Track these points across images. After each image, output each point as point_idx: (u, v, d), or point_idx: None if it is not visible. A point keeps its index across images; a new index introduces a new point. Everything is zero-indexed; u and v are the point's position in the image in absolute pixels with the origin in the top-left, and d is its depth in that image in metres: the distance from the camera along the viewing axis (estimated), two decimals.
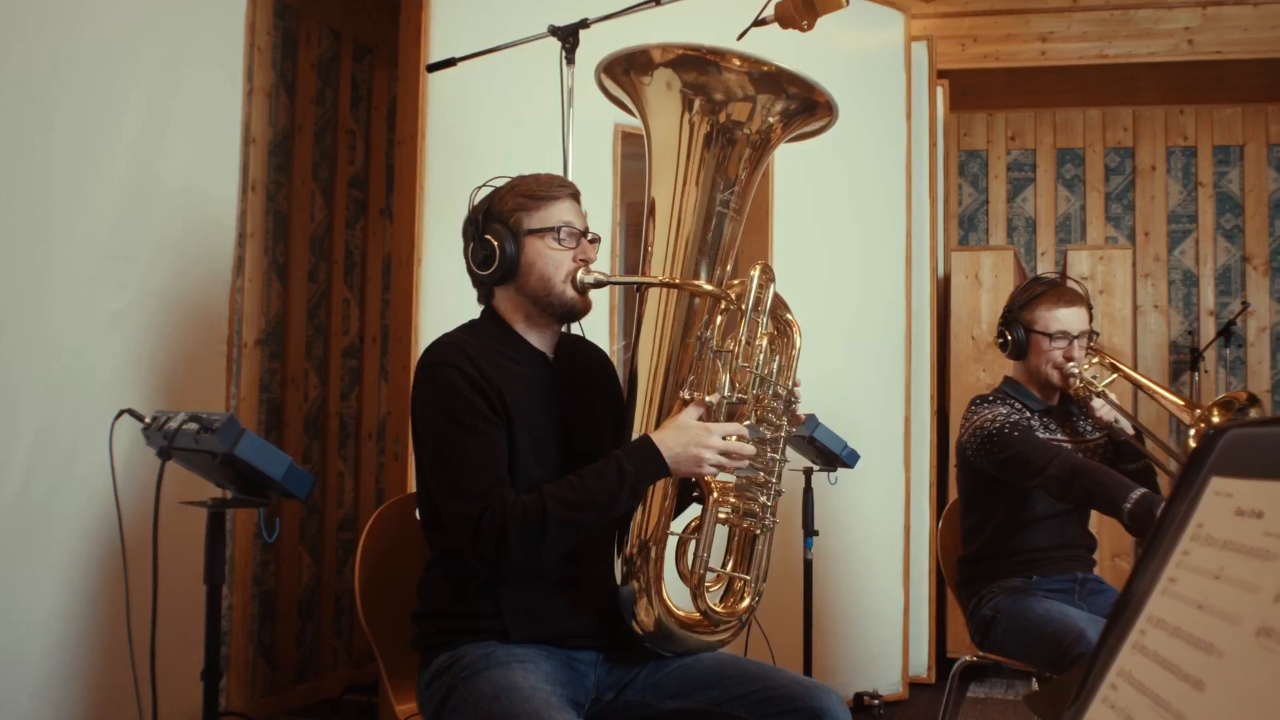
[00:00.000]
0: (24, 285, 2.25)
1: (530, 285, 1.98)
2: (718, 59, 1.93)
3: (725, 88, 1.95)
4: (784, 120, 2.00)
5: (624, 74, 2.02)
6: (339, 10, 4.25)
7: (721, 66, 1.94)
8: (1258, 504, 0.86)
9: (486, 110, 3.33)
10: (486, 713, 1.73)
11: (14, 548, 2.20)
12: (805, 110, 1.99)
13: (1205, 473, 1.00)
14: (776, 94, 1.96)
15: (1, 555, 2.20)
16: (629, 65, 1.99)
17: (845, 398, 3.98)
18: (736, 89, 1.95)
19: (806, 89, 1.96)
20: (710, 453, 1.83)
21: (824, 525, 3.96)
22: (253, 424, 3.77)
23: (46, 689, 2.28)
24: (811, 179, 3.98)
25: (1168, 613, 0.92)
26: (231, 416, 1.54)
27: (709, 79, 1.95)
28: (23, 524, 2.21)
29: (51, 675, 2.27)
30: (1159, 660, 0.88)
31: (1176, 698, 0.81)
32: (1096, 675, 0.99)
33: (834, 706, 1.85)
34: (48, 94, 2.34)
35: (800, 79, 1.94)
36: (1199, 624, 0.84)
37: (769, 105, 1.96)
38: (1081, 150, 5.82)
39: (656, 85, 1.99)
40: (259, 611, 3.82)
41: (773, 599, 3.53)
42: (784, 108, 1.98)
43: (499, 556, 1.80)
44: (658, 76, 1.98)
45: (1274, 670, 0.70)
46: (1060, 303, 2.83)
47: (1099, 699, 0.95)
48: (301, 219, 4.03)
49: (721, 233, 1.98)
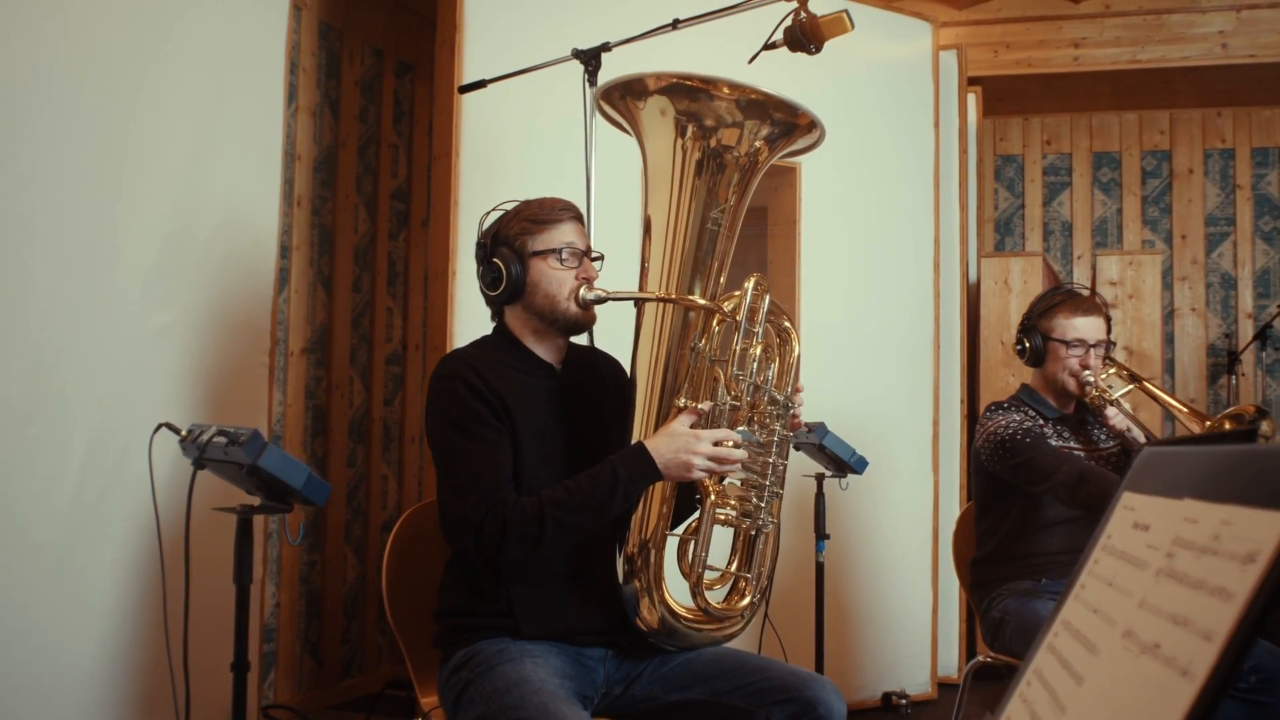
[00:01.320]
0: (77, 304, 2.41)
1: (537, 303, 2.12)
2: (708, 87, 2.04)
3: (715, 114, 2.05)
4: (769, 142, 2.10)
5: (620, 99, 2.13)
6: (381, 30, 4.40)
7: (712, 94, 2.04)
8: (1148, 518, 0.96)
9: (516, 129, 3.46)
10: (499, 705, 1.86)
11: (68, 549, 2.37)
12: (790, 131, 2.09)
13: (1123, 488, 1.10)
14: (762, 118, 2.06)
15: (57, 556, 2.37)
16: (625, 91, 2.10)
17: (872, 402, 4.06)
18: (726, 115, 2.06)
19: (790, 112, 2.05)
20: (699, 458, 1.94)
21: (853, 528, 4.06)
22: (298, 429, 3.93)
23: (97, 676, 2.44)
24: (839, 188, 4.06)
25: (1073, 615, 1.02)
26: (255, 431, 1.67)
27: (700, 105, 2.06)
28: (76, 527, 2.38)
29: (101, 663, 2.44)
30: (1059, 658, 0.98)
31: (1064, 691, 0.91)
32: (1021, 673, 1.09)
33: (828, 696, 1.95)
34: (96, 121, 2.49)
35: (785, 103, 2.04)
36: (1090, 625, 0.94)
37: (756, 129, 2.07)
38: (1118, 154, 5.83)
39: (651, 111, 2.10)
40: (305, 610, 3.98)
41: (789, 601, 3.64)
42: (769, 132, 2.08)
43: (500, 556, 1.94)
44: (652, 103, 2.09)
45: (1131, 668, 0.80)
46: (1078, 311, 2.90)
47: (1017, 694, 1.06)
48: (345, 231, 4.18)
49: (714, 249, 2.09)
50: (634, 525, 2.04)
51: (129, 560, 2.47)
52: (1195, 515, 0.82)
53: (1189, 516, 0.83)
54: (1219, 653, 0.66)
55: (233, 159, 2.88)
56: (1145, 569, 0.88)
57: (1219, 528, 0.77)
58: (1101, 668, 0.86)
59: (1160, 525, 0.90)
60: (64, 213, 2.40)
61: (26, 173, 2.34)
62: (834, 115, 4.04)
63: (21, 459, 2.28)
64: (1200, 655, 0.68)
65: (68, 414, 2.37)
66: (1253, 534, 0.72)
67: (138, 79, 2.58)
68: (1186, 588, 0.77)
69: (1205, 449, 0.89)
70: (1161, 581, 0.83)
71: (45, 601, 2.35)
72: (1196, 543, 0.79)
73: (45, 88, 2.38)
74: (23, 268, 2.32)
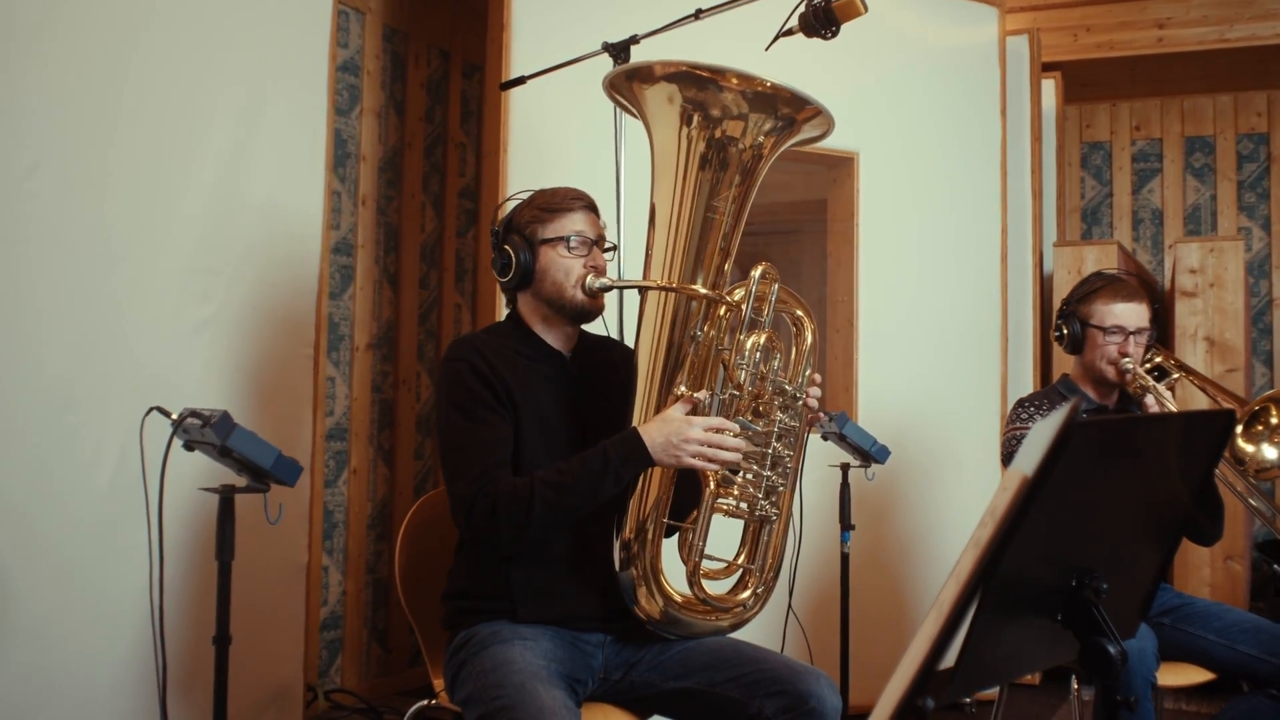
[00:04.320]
0: (115, 296, 2.53)
1: (545, 290, 2.15)
2: (716, 77, 2.03)
3: (721, 104, 2.05)
4: (774, 134, 2.09)
5: (629, 87, 2.15)
6: (447, 31, 4.50)
7: (720, 85, 2.04)
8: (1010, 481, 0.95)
9: (558, 124, 3.51)
10: (482, 685, 1.90)
11: (105, 533, 2.50)
12: (796, 123, 2.08)
13: None
14: (768, 110, 2.05)
15: (96, 539, 2.49)
16: (632, 78, 2.12)
17: (933, 396, 4.00)
18: (732, 105, 2.05)
19: (798, 104, 2.04)
20: (692, 444, 1.95)
21: (916, 523, 4.00)
22: (365, 423, 4.04)
23: (133, 656, 2.56)
24: (899, 178, 4.01)
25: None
26: (225, 413, 1.74)
27: (707, 95, 2.06)
28: (114, 513, 2.50)
29: (136, 646, 2.55)
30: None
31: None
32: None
33: (821, 690, 1.94)
34: (138, 113, 2.61)
35: (793, 95, 2.02)
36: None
37: (761, 121, 2.06)
38: (1211, 138, 5.61)
39: (658, 98, 2.10)
40: (372, 598, 4.09)
41: (815, 594, 3.61)
42: (773, 124, 2.07)
43: (492, 534, 1.98)
44: (659, 90, 2.10)
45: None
46: (1117, 297, 2.81)
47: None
48: (412, 229, 4.28)
49: (716, 238, 2.09)
50: (630, 511, 2.05)
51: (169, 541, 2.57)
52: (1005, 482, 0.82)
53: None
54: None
55: (274, 156, 2.97)
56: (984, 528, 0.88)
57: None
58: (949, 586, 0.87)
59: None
60: (103, 205, 2.52)
61: (67, 164, 2.45)
62: (892, 103, 4.06)
63: (59, 446, 2.41)
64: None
65: (107, 403, 2.49)
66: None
67: (176, 74, 2.69)
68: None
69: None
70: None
71: (82, 583, 2.47)
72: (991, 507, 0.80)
73: (87, 80, 2.49)
74: (61, 258, 2.44)
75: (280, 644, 3.10)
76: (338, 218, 3.90)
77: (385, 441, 4.17)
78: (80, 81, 2.47)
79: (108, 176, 2.53)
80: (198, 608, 2.72)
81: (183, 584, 2.70)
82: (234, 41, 2.85)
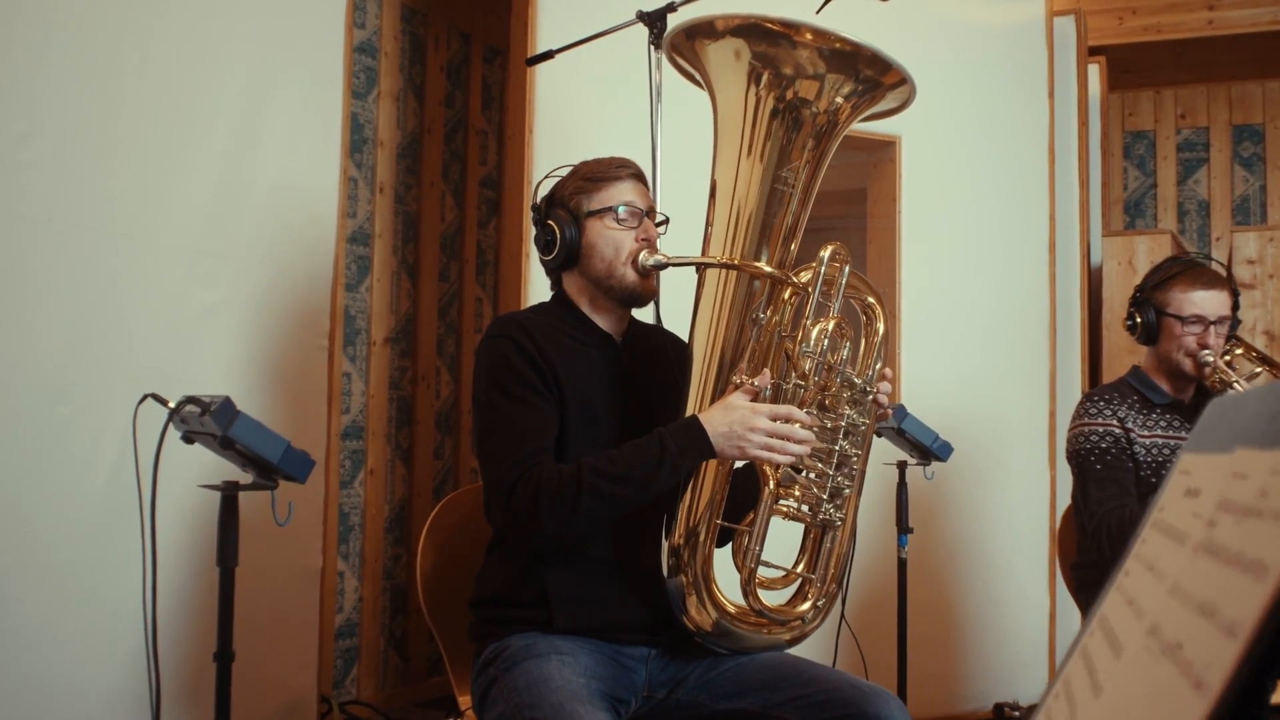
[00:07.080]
0: (112, 281, 2.35)
1: (593, 268, 1.97)
2: (790, 31, 1.84)
3: (794, 62, 1.85)
4: (853, 98, 1.89)
5: (690, 45, 1.95)
6: (468, 12, 4.31)
7: (794, 40, 1.84)
8: (1199, 482, 0.74)
9: (588, 101, 3.32)
10: (515, 704, 1.70)
11: (102, 534, 2.32)
12: (882, 87, 1.88)
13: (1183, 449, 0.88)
14: (847, 71, 1.85)
15: (93, 541, 2.31)
16: (694, 34, 1.92)
17: (980, 391, 3.79)
18: (806, 64, 1.85)
19: (882, 67, 1.84)
20: (758, 434, 1.75)
21: (965, 525, 3.79)
22: (382, 421, 3.86)
23: (131, 666, 2.38)
24: (942, 163, 3.81)
25: (1111, 609, 0.80)
26: (227, 399, 1.55)
27: (778, 51, 1.86)
28: (113, 509, 2.32)
29: (134, 655, 2.37)
30: (1086, 663, 0.77)
31: (1083, 705, 0.71)
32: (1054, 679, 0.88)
33: (890, 712, 1.74)
34: (141, 93, 2.44)
35: (875, 55, 1.82)
36: (1121, 621, 0.73)
37: (838, 83, 1.86)
38: (1261, 126, 5.38)
39: (724, 55, 1.90)
40: (390, 605, 3.90)
41: (867, 602, 3.41)
42: (853, 88, 1.87)
43: (530, 525, 1.77)
44: (724, 46, 1.90)
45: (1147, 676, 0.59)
46: (1197, 284, 2.60)
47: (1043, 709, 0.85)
48: (431, 219, 4.10)
49: (784, 213, 1.89)
50: (681, 513, 1.85)
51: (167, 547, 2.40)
52: (1245, 469, 0.61)
53: (1238, 471, 0.62)
54: (1239, 654, 0.45)
55: (285, 139, 2.80)
56: (1184, 545, 0.67)
57: (1268, 480, 0.56)
58: (1121, 675, 0.65)
59: (1209, 488, 0.69)
60: (109, 179, 2.35)
61: (64, 143, 2.28)
62: (935, 84, 3.83)
63: (52, 439, 2.23)
64: (1219, 658, 0.47)
65: (105, 394, 2.30)
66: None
67: (184, 54, 2.52)
68: (1222, 564, 0.56)
69: (1271, 386, 0.67)
70: (1198, 559, 0.62)
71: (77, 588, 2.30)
72: (1240, 504, 0.58)
73: (91, 59, 2.33)
74: (54, 241, 2.27)
75: (293, 653, 2.93)
76: (354, 205, 3.72)
77: (404, 440, 3.98)
78: (84, 48, 2.30)
79: (116, 145, 2.35)
80: (202, 615, 2.55)
81: (189, 589, 2.53)
82: (247, 16, 2.67)
